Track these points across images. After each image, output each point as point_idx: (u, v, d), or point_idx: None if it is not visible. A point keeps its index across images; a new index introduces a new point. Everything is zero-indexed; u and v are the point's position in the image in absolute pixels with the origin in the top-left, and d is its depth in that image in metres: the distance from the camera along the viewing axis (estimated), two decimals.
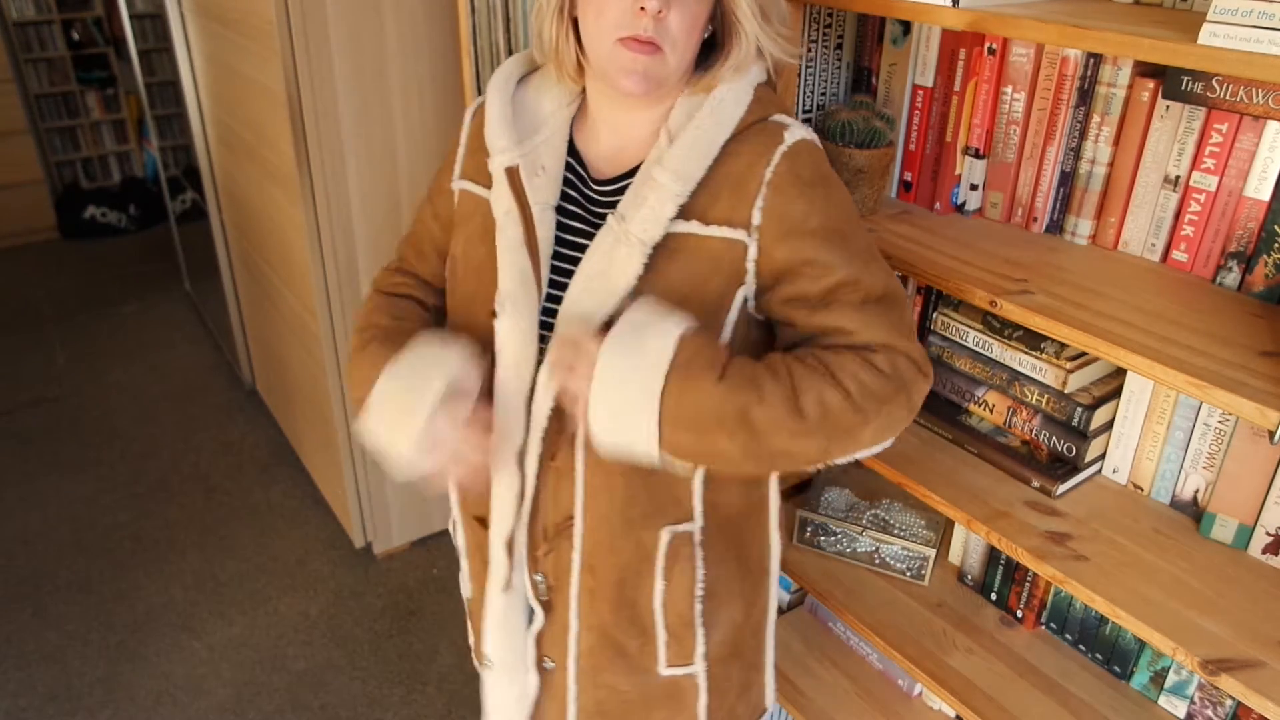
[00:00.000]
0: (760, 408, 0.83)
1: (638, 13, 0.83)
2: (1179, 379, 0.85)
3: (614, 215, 0.90)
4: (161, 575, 2.41)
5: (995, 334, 1.17)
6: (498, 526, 1.01)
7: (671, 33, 0.85)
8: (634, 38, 0.84)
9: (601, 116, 0.97)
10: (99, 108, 4.75)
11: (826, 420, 0.84)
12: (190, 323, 3.76)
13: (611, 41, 0.85)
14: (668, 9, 0.83)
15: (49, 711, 2.02)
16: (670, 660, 1.06)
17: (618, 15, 0.84)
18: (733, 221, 0.88)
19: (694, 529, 1.00)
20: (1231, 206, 0.99)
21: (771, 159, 0.88)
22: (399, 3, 1.95)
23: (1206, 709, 1.12)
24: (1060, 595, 1.26)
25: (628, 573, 1.00)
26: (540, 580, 1.04)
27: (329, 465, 2.48)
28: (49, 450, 2.94)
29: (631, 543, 0.99)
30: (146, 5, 3.03)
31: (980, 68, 1.15)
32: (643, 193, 0.89)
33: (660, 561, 1.00)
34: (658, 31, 0.84)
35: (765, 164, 0.88)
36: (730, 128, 0.89)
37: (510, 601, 1.05)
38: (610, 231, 0.90)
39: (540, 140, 0.96)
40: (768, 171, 0.88)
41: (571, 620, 1.04)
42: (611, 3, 0.84)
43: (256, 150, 2.29)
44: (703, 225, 0.88)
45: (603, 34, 0.85)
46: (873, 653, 1.57)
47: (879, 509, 1.45)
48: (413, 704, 2.05)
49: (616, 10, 0.84)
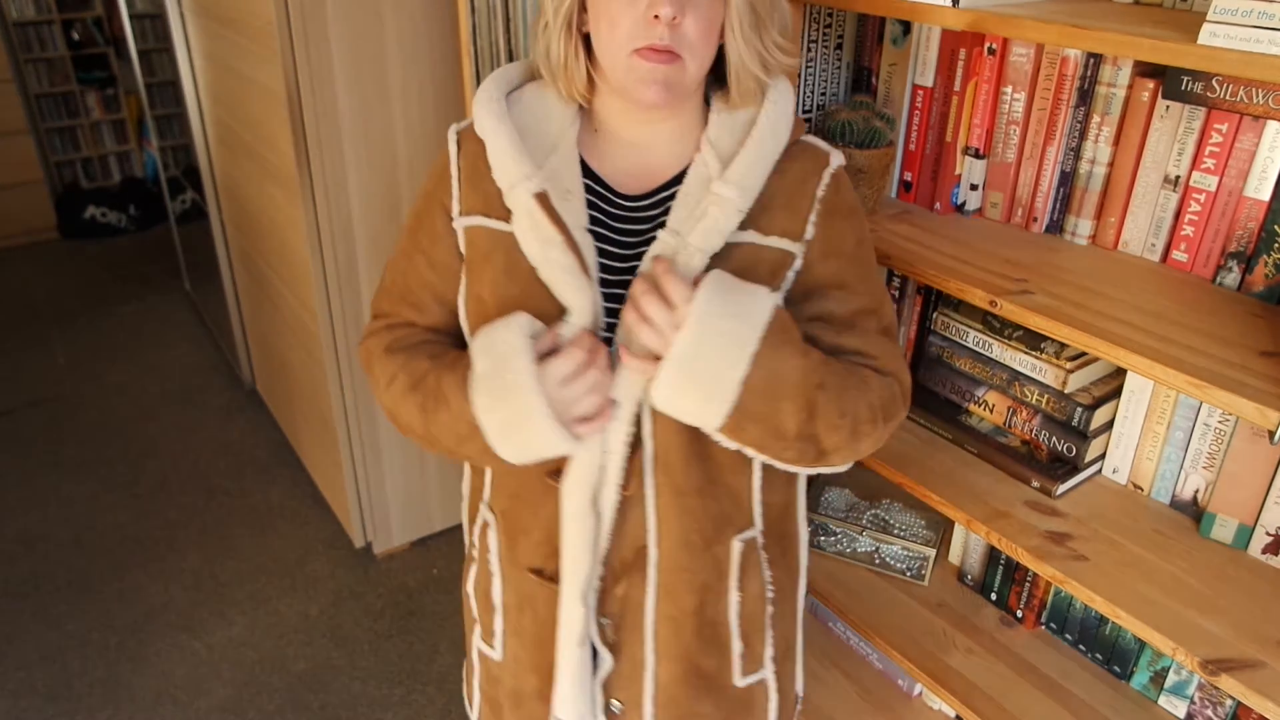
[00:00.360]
0: (822, 393, 0.86)
1: (651, 21, 0.81)
2: (1179, 379, 0.85)
3: (665, 231, 0.88)
4: (161, 575, 2.41)
5: (995, 334, 1.17)
6: (574, 577, 0.94)
7: (689, 39, 0.83)
8: (650, 47, 0.82)
9: (619, 132, 0.94)
10: (99, 108, 4.75)
11: (856, 426, 0.89)
12: (190, 323, 3.76)
13: (627, 53, 0.83)
14: (682, 15, 0.81)
15: (49, 711, 2.02)
16: (745, 670, 1.04)
17: (631, 26, 0.82)
18: (789, 234, 0.90)
19: (756, 534, 1.00)
20: (1231, 206, 0.99)
21: (822, 179, 0.92)
22: (399, 3, 1.95)
23: (1206, 709, 1.12)
24: (1060, 595, 1.26)
25: (707, 593, 0.97)
26: (606, 623, 0.99)
27: (329, 465, 2.48)
28: (49, 450, 2.93)
29: (708, 560, 0.96)
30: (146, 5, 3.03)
31: (980, 68, 1.15)
32: (702, 206, 0.88)
33: (734, 573, 0.98)
34: (674, 39, 0.82)
35: (816, 182, 0.92)
36: (783, 145, 0.91)
37: (582, 654, 0.98)
38: (665, 245, 0.88)
39: (558, 161, 0.92)
40: (820, 190, 0.92)
41: (647, 655, 0.99)
42: (624, 13, 0.82)
43: (256, 150, 2.29)
44: (761, 235, 0.90)
45: (618, 46, 0.83)
46: (873, 653, 1.57)
47: (879, 509, 1.45)
48: (413, 704, 2.05)
49: (630, 21, 0.82)
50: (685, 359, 0.82)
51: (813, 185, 0.91)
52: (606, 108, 0.93)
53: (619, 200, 0.93)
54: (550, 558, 0.97)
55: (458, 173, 0.95)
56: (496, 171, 0.91)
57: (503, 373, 0.86)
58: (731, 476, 0.96)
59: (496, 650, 1.07)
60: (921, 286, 1.31)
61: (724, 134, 0.91)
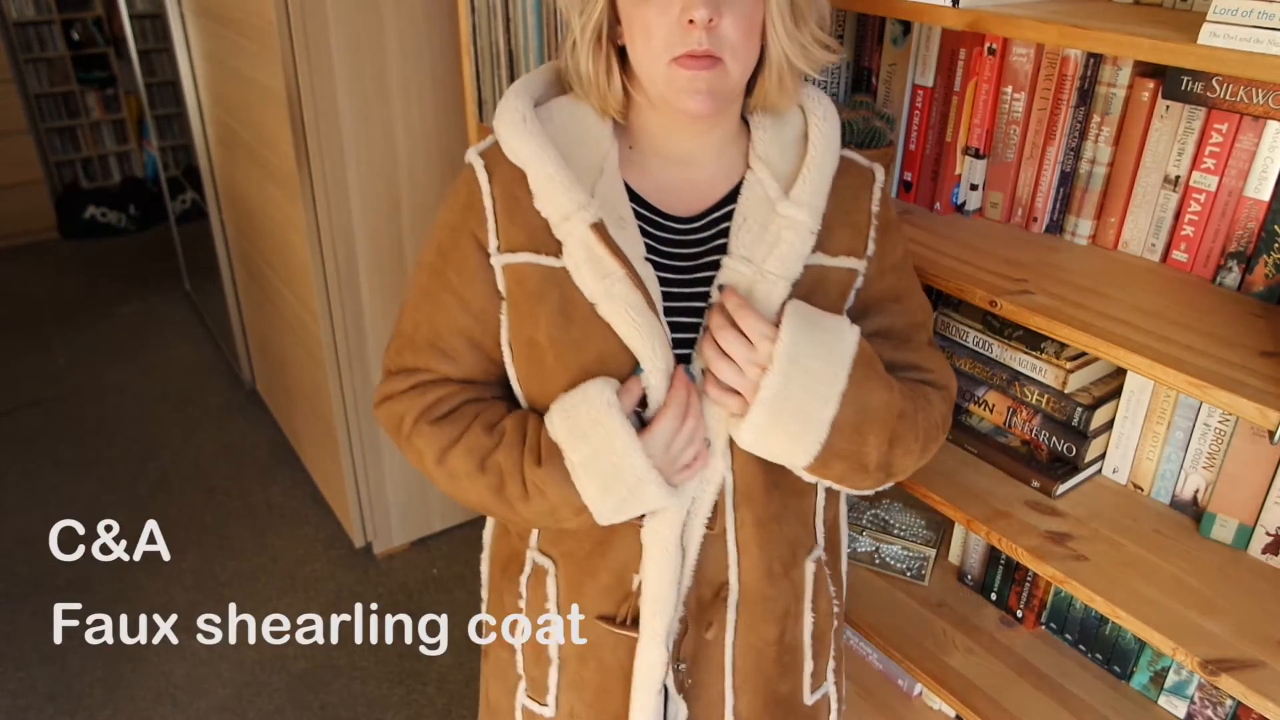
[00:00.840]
0: (902, 422, 0.86)
1: (687, 27, 0.75)
2: (1179, 379, 0.85)
3: (734, 258, 0.84)
4: (161, 575, 2.41)
5: (995, 334, 1.17)
6: (656, 621, 0.89)
7: (729, 40, 0.77)
8: (689, 54, 0.76)
9: (661, 148, 0.88)
10: (99, 108, 4.75)
11: (925, 446, 0.91)
12: (190, 323, 3.76)
13: (666, 63, 0.77)
14: (719, 17, 0.75)
15: (49, 711, 2.02)
16: (813, 687, 1.03)
17: (667, 34, 0.76)
18: (853, 252, 0.89)
19: (820, 553, 0.99)
20: (1231, 206, 0.99)
21: (873, 193, 0.91)
22: (399, 3, 1.95)
23: (1206, 709, 1.12)
24: (1060, 595, 1.26)
25: (787, 619, 0.95)
26: (684, 666, 0.94)
27: (329, 465, 2.48)
28: (49, 450, 2.93)
29: (787, 587, 0.94)
30: (146, 5, 3.03)
31: (980, 68, 1.15)
32: (773, 230, 0.84)
33: (809, 595, 0.97)
34: (713, 42, 0.76)
35: (869, 198, 0.91)
36: (837, 161, 0.89)
37: (657, 702, 0.93)
38: (737, 275, 0.84)
39: (605, 186, 0.85)
40: (873, 205, 0.91)
41: (726, 692, 0.96)
42: (658, 21, 0.76)
43: (256, 150, 2.29)
44: (828, 256, 0.88)
45: (655, 57, 0.78)
46: (873, 653, 1.57)
47: (879, 509, 1.45)
48: (413, 704, 2.05)
49: (664, 29, 0.76)
50: (774, 401, 0.80)
51: (866, 200, 0.90)
52: (646, 122, 0.87)
53: (671, 224, 0.88)
54: (621, 603, 0.92)
55: (492, 204, 0.86)
56: (542, 201, 0.83)
57: (607, 455, 0.81)
58: (800, 501, 0.95)
59: (550, 707, 1.00)
60: (921, 286, 1.31)
61: (773, 149, 0.88)
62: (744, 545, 0.90)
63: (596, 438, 0.81)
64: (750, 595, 0.92)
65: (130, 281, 4.13)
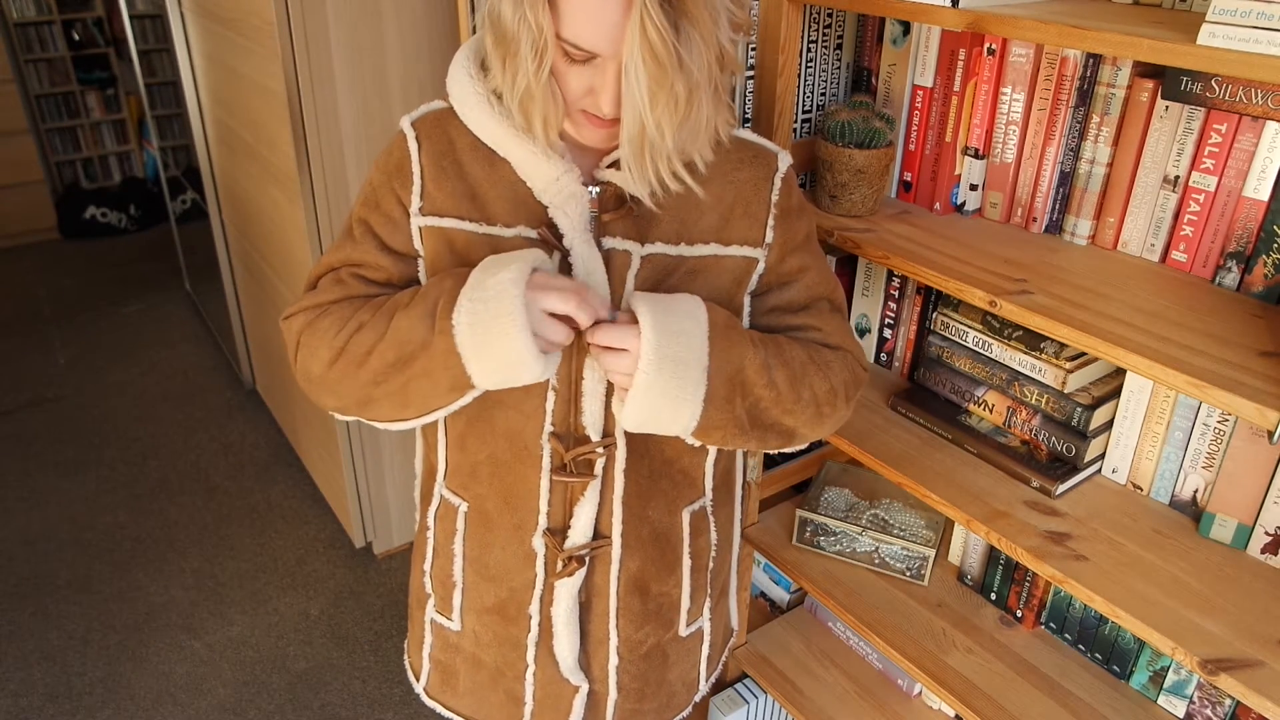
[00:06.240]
0: (780, 373, 0.90)
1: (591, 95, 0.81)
2: (1178, 379, 0.85)
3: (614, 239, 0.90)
4: (161, 575, 2.41)
5: (995, 334, 1.17)
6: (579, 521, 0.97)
7: None
8: (593, 117, 0.83)
9: None
10: (99, 108, 4.75)
11: (819, 407, 0.93)
12: (190, 323, 3.76)
13: (575, 108, 0.84)
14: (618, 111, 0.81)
15: (49, 711, 2.02)
16: (688, 622, 1.10)
17: (577, 92, 0.82)
18: (749, 241, 0.94)
19: (705, 502, 1.05)
20: (1231, 207, 0.99)
21: (773, 184, 0.95)
22: (399, 3, 1.95)
23: (1206, 709, 1.12)
24: (1060, 595, 1.26)
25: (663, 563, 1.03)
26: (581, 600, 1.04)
27: (329, 465, 2.48)
28: (49, 450, 2.93)
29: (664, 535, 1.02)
30: (147, 5, 3.03)
31: (980, 68, 1.15)
32: None
33: (686, 542, 1.04)
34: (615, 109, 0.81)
35: (769, 189, 0.94)
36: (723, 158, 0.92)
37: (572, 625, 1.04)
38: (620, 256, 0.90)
39: None
40: (773, 196, 0.94)
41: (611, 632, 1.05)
42: (570, 82, 0.81)
43: (256, 150, 2.29)
44: (723, 246, 0.93)
45: (568, 99, 0.83)
46: (873, 653, 1.57)
47: (879, 509, 1.45)
48: (413, 704, 2.05)
49: (575, 93, 0.82)
50: (645, 390, 0.84)
51: (766, 192, 0.94)
52: None
53: None
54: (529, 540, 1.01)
55: (420, 170, 0.91)
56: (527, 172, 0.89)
57: (491, 281, 0.82)
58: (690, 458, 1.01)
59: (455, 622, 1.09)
60: (921, 286, 1.31)
61: None
62: (627, 501, 0.98)
63: (497, 261, 0.84)
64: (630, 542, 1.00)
65: (131, 281, 4.13)
